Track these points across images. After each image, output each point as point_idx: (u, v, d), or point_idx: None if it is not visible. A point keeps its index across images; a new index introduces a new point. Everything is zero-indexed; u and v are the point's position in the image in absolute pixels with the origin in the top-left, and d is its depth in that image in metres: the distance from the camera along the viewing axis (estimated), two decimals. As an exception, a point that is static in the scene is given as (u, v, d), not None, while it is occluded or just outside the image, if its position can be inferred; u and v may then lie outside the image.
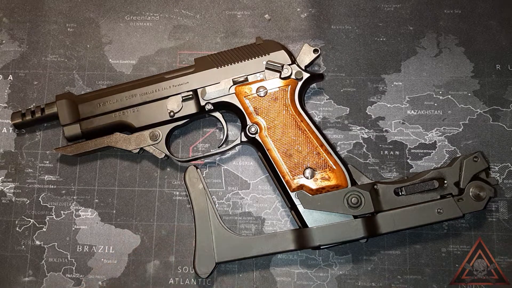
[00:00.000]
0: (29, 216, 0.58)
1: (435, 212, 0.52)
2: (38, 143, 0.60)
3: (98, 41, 0.63)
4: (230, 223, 0.57)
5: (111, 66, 0.62)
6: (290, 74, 0.56)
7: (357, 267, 0.56)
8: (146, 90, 0.56)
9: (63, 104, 0.56)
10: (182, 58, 0.62)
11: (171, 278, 0.56)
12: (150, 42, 0.63)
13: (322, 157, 0.54)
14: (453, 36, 0.62)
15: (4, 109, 0.61)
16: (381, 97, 0.60)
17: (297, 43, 0.62)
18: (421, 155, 0.59)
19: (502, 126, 0.59)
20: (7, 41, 0.63)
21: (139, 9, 0.64)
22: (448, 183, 0.54)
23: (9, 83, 0.62)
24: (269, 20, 0.63)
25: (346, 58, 0.61)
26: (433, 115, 0.60)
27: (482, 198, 0.53)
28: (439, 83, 0.60)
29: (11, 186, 0.59)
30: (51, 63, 0.62)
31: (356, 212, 0.52)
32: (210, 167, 0.59)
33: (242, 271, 0.56)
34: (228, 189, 0.59)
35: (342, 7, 0.63)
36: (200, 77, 0.57)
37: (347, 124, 0.60)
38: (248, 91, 0.56)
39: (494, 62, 0.61)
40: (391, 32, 0.62)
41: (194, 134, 0.60)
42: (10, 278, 0.57)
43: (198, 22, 0.63)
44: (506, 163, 0.58)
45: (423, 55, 0.61)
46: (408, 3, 0.63)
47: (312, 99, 0.60)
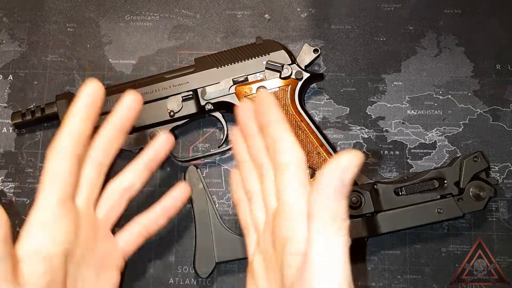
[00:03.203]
0: (29, 216, 0.58)
1: (435, 212, 0.52)
2: (38, 143, 0.60)
3: (98, 41, 0.63)
4: (230, 223, 0.57)
5: (111, 66, 0.62)
6: (290, 74, 0.56)
7: (357, 267, 0.56)
8: (146, 90, 0.57)
9: (63, 104, 0.56)
10: (182, 58, 0.62)
11: (171, 278, 0.56)
12: (150, 42, 0.63)
13: (322, 157, 0.54)
14: (453, 36, 0.62)
15: (4, 109, 0.61)
16: (381, 97, 0.60)
17: (297, 43, 0.62)
18: (421, 155, 0.59)
19: (502, 126, 0.59)
20: (7, 41, 0.63)
21: (139, 9, 0.64)
22: (448, 183, 0.54)
23: (9, 83, 0.62)
24: (269, 20, 0.63)
25: (346, 58, 0.61)
26: (433, 115, 0.60)
27: (482, 198, 0.53)
28: (439, 83, 0.60)
29: (11, 186, 0.59)
30: (51, 63, 0.62)
31: (356, 212, 0.52)
32: (210, 167, 0.59)
33: (242, 271, 0.56)
34: (228, 189, 0.59)
35: (342, 7, 0.63)
36: (200, 77, 0.57)
37: (347, 124, 0.60)
38: (248, 91, 0.56)
39: (494, 62, 0.61)
40: (391, 32, 0.62)
41: (194, 134, 0.60)
42: (10, 278, 0.57)
43: (198, 22, 0.63)
44: (506, 163, 0.58)
45: (423, 55, 0.61)
46: (408, 3, 0.63)
47: (312, 99, 0.60)
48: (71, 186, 0.44)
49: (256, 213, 0.45)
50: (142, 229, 0.51)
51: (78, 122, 0.44)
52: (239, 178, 0.49)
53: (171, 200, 0.52)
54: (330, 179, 0.32)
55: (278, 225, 0.39)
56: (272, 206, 0.42)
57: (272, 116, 0.41)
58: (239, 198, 0.48)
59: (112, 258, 0.49)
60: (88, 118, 0.44)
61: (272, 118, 0.41)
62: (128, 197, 0.51)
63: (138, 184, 0.51)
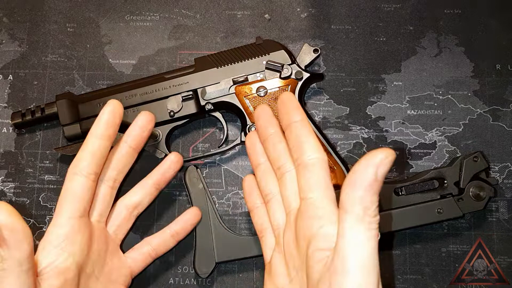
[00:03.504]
0: (29, 216, 0.58)
1: (435, 212, 0.53)
2: (38, 143, 0.60)
3: (98, 41, 0.63)
4: (230, 223, 0.57)
5: (111, 66, 0.62)
6: (290, 74, 0.56)
7: (357, 267, 0.56)
8: (146, 90, 0.57)
9: (63, 104, 0.56)
10: (182, 58, 0.62)
11: (171, 278, 0.56)
12: (150, 42, 0.63)
13: (322, 157, 0.54)
14: (453, 36, 0.62)
15: (4, 109, 0.61)
16: (381, 97, 0.60)
17: (297, 43, 0.62)
18: (421, 155, 0.59)
19: (502, 126, 0.59)
20: (7, 41, 0.63)
21: (139, 9, 0.64)
22: (448, 183, 0.54)
23: (9, 83, 0.62)
24: (269, 20, 0.63)
25: (346, 58, 0.61)
26: (433, 115, 0.60)
27: (482, 198, 0.53)
28: (439, 83, 0.60)
29: (11, 186, 0.59)
30: (51, 63, 0.62)
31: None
32: (210, 167, 0.59)
33: (242, 271, 0.56)
34: (228, 189, 0.59)
35: (342, 7, 0.63)
36: (200, 77, 0.57)
37: (347, 124, 0.60)
38: (248, 91, 0.56)
39: (494, 62, 0.61)
40: (391, 32, 0.62)
41: (194, 134, 0.60)
42: (10, 278, 0.57)
43: (198, 22, 0.63)
44: (506, 163, 0.58)
45: (423, 55, 0.61)
46: (408, 3, 0.63)
47: (312, 99, 0.60)
48: (88, 203, 0.46)
49: (275, 214, 0.46)
50: (151, 250, 0.53)
51: (99, 141, 0.46)
52: (253, 183, 0.50)
53: (181, 224, 0.53)
54: (365, 174, 0.34)
55: (303, 223, 0.40)
56: (293, 206, 0.43)
57: (296, 117, 0.42)
58: (253, 203, 0.49)
59: (120, 274, 0.50)
60: (108, 138, 0.47)
61: (296, 118, 0.42)
62: (136, 214, 0.53)
63: (146, 202, 0.53)
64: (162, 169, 0.54)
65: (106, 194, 0.49)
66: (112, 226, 0.51)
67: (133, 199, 0.52)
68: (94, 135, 0.46)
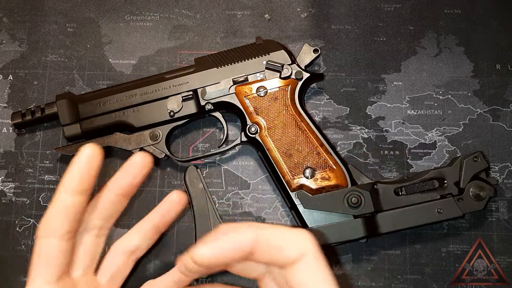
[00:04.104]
0: (29, 216, 0.58)
1: (435, 212, 0.52)
2: (38, 143, 0.60)
3: (98, 41, 0.63)
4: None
5: (111, 66, 0.62)
6: (290, 74, 0.56)
7: (357, 267, 0.56)
8: (146, 90, 0.57)
9: (63, 104, 0.56)
10: (182, 58, 0.62)
11: (171, 278, 0.56)
12: (150, 42, 0.63)
13: (322, 157, 0.54)
14: (453, 36, 0.62)
15: (4, 109, 0.61)
16: (381, 97, 0.60)
17: (297, 43, 0.62)
18: (421, 155, 0.59)
19: (502, 126, 0.59)
20: (7, 41, 0.63)
21: (139, 9, 0.64)
22: (448, 183, 0.54)
23: (9, 83, 0.62)
24: (269, 20, 0.63)
25: (346, 58, 0.61)
26: (433, 115, 0.60)
27: (482, 198, 0.53)
28: (439, 83, 0.60)
29: (11, 186, 0.59)
30: (51, 63, 0.62)
31: (356, 212, 0.52)
32: (210, 167, 0.59)
33: (242, 271, 0.56)
34: (228, 189, 0.59)
35: (342, 7, 0.63)
36: (200, 77, 0.57)
37: (347, 124, 0.60)
38: (248, 91, 0.56)
39: (494, 62, 0.61)
40: (391, 32, 0.62)
41: (194, 134, 0.60)
42: (10, 278, 0.57)
43: (198, 22, 0.63)
44: (506, 163, 0.58)
45: (423, 55, 0.61)
46: (408, 3, 0.63)
47: (312, 99, 0.60)
48: (64, 264, 0.39)
49: None
50: None
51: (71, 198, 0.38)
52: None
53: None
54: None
55: None
56: None
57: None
58: None
59: None
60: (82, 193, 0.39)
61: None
62: (135, 259, 0.46)
63: (145, 247, 0.46)
64: (162, 210, 0.47)
65: (90, 245, 0.42)
66: (105, 275, 0.44)
67: (130, 244, 0.45)
68: (65, 189, 0.38)
